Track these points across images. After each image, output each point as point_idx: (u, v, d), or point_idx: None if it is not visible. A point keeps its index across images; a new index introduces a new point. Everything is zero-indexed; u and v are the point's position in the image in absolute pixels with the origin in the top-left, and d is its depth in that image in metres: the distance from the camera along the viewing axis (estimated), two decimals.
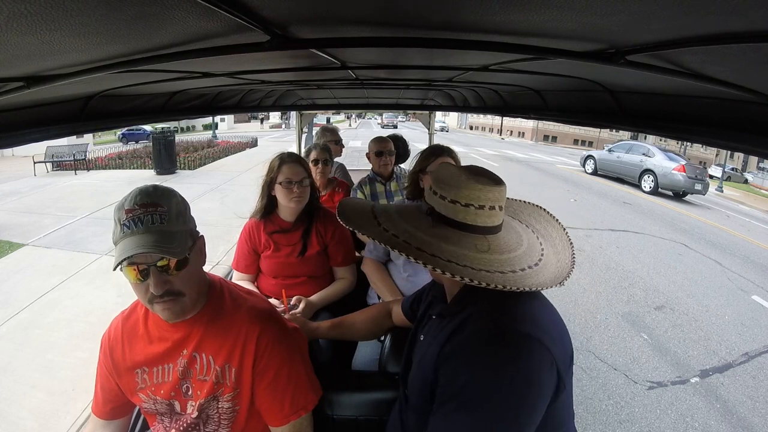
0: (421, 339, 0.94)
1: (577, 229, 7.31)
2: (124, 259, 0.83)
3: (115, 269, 0.86)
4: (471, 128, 45.18)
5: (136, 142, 25.11)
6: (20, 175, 11.56)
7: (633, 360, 3.70)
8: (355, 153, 11.36)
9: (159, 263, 0.87)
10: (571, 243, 0.94)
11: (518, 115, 1.77)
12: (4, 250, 5.90)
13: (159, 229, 0.87)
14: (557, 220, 0.99)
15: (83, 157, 12.68)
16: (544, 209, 1.01)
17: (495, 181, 0.81)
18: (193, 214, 0.99)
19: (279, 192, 1.73)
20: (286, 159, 1.74)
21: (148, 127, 27.15)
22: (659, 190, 11.87)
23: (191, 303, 0.95)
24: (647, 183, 12.16)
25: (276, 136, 25.79)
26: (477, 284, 0.71)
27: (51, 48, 0.52)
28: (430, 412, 0.80)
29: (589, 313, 4.39)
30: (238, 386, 0.98)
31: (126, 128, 26.52)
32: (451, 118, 44.39)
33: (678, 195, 11.88)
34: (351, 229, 0.87)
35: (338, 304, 1.77)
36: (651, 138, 18.55)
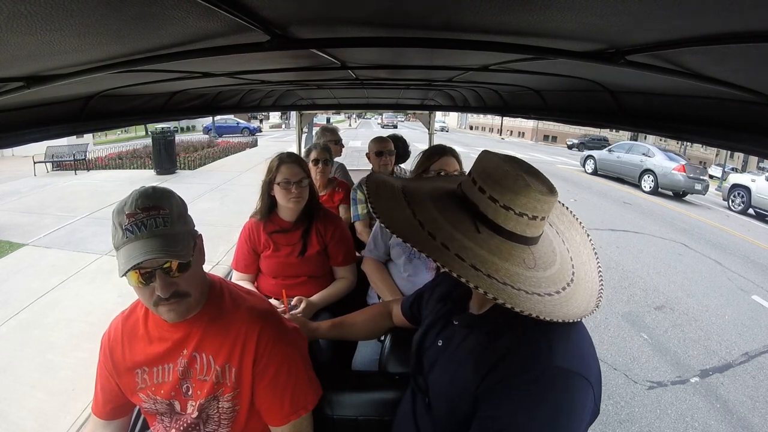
0: (439, 344, 0.90)
1: None
2: (133, 267, 0.82)
3: (122, 276, 0.85)
4: (471, 128, 45.17)
5: (219, 135, 23.31)
6: (20, 175, 11.55)
7: (633, 360, 3.70)
8: (355, 153, 11.35)
9: (164, 266, 0.87)
10: (596, 253, 0.91)
11: (518, 115, 1.77)
12: (4, 250, 5.90)
13: (163, 233, 0.86)
14: (580, 222, 0.94)
15: (83, 157, 12.67)
16: (567, 207, 0.95)
17: (550, 189, 0.74)
18: (193, 214, 0.99)
19: (278, 192, 1.73)
20: (284, 159, 1.74)
21: (237, 119, 25.75)
22: (659, 190, 11.87)
23: (195, 302, 0.95)
24: (647, 183, 12.17)
25: (276, 136, 25.78)
26: (536, 317, 0.66)
27: (51, 48, 0.52)
28: (455, 427, 0.78)
29: None
30: (238, 386, 0.98)
31: (214, 121, 25.01)
32: (451, 118, 44.37)
33: (678, 195, 11.88)
34: (392, 232, 0.74)
35: (338, 304, 1.77)
36: (651, 138, 18.54)
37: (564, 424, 0.68)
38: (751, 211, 10.92)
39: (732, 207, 11.35)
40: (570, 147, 28.09)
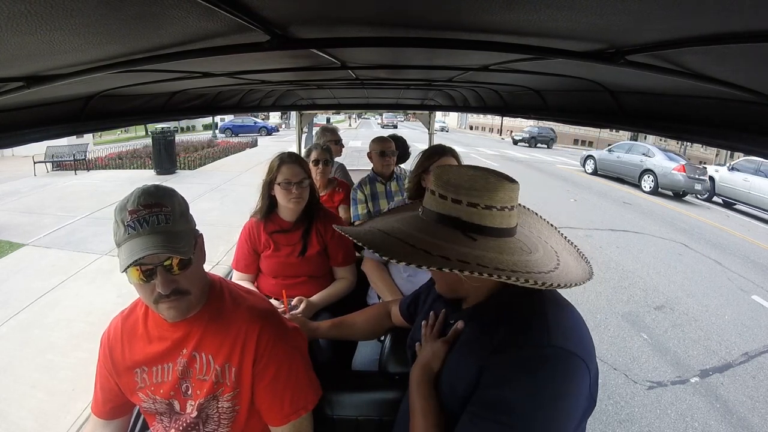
0: None
1: (577, 229, 7.31)
2: (134, 262, 0.83)
3: (123, 271, 0.85)
4: (471, 128, 45.13)
5: (236, 135, 23.35)
6: (20, 175, 11.55)
7: (633, 360, 3.70)
8: (355, 153, 11.36)
9: (165, 262, 0.87)
10: (553, 225, 0.94)
11: (518, 115, 1.77)
12: (4, 250, 5.90)
13: (165, 230, 0.87)
14: (524, 206, 0.96)
15: (83, 157, 12.67)
16: (526, 206, 0.98)
17: (511, 179, 0.79)
18: (193, 214, 0.99)
19: (278, 192, 1.73)
20: (285, 159, 1.74)
21: (254, 118, 25.47)
22: (659, 190, 11.88)
23: (195, 301, 0.95)
24: (647, 183, 12.17)
25: (277, 135, 25.76)
26: (557, 286, 0.70)
27: (51, 48, 0.52)
28: (453, 426, 0.78)
29: (589, 312, 4.39)
30: (238, 386, 0.98)
31: (229, 120, 24.89)
32: (451, 118, 44.35)
33: (678, 195, 11.89)
34: (395, 259, 0.71)
35: (338, 304, 1.76)
36: (651, 138, 18.54)
37: (560, 401, 0.68)
38: (716, 198, 11.77)
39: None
40: (516, 142, 25.43)
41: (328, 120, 22.39)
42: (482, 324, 0.81)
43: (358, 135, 23.73)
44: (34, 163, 11.81)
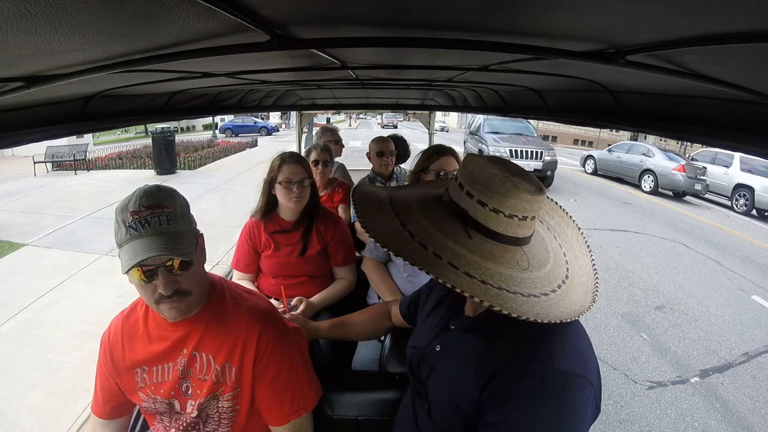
0: (437, 349, 0.89)
1: None
2: (137, 264, 0.83)
3: (125, 273, 0.85)
4: None
5: (236, 135, 23.56)
6: (20, 175, 11.55)
7: (633, 360, 3.70)
8: (355, 153, 11.35)
9: (167, 263, 0.87)
10: (588, 246, 0.91)
11: (518, 115, 1.78)
12: (4, 250, 5.90)
13: (166, 231, 0.87)
14: (571, 217, 0.94)
15: (83, 157, 12.67)
16: (557, 203, 0.95)
17: (538, 188, 0.73)
18: (193, 214, 0.99)
19: (279, 192, 1.73)
20: (286, 159, 1.74)
21: (254, 118, 25.47)
22: (659, 190, 11.88)
23: (196, 301, 0.95)
24: (647, 183, 12.17)
25: (276, 135, 25.75)
26: (533, 321, 0.65)
27: (51, 48, 0.52)
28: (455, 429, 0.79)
29: (589, 312, 4.35)
30: (239, 385, 0.98)
31: (229, 120, 24.99)
32: (451, 118, 44.30)
33: (678, 195, 11.89)
34: (382, 245, 0.75)
35: (338, 304, 1.76)
36: (651, 138, 18.53)
37: (568, 427, 0.67)
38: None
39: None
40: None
41: (328, 120, 22.37)
42: (485, 336, 0.80)
43: (358, 135, 23.71)
44: (34, 163, 11.80)
